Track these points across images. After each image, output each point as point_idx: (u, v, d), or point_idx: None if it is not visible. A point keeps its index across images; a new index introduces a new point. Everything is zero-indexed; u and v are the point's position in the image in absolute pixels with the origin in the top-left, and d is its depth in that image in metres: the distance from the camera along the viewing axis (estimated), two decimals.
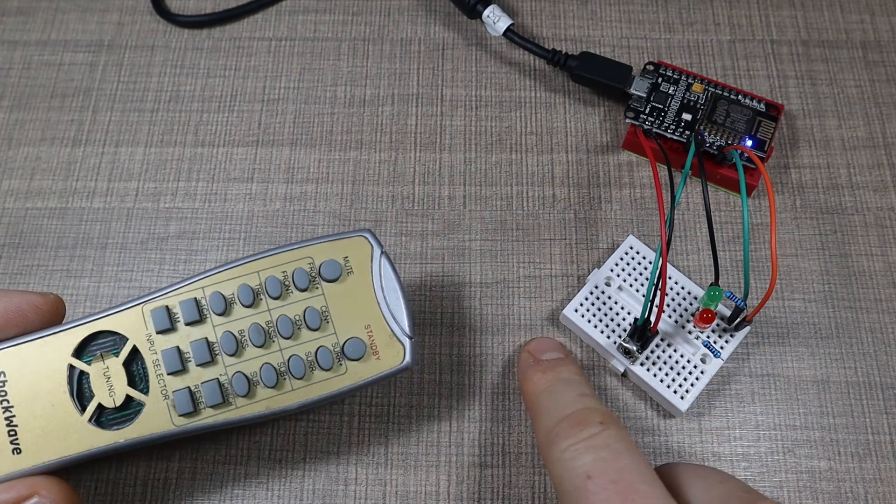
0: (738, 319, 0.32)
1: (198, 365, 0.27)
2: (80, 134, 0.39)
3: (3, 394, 0.25)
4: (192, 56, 0.41)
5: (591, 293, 0.34)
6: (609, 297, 0.34)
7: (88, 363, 0.26)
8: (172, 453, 0.32)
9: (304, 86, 0.40)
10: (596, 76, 0.38)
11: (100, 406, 0.26)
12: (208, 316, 0.27)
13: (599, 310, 0.34)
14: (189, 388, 0.26)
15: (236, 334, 0.27)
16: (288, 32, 0.41)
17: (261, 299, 0.27)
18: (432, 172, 0.38)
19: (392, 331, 0.28)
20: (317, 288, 0.28)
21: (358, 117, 0.39)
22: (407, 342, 0.28)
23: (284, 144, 0.38)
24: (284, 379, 0.27)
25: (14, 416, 0.25)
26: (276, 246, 0.28)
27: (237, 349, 0.27)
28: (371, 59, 0.40)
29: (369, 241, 0.28)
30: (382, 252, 0.28)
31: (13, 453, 0.25)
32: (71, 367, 0.26)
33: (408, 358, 0.28)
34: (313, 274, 0.28)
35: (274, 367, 0.27)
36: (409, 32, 0.41)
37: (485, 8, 0.39)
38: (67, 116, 0.39)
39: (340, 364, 0.27)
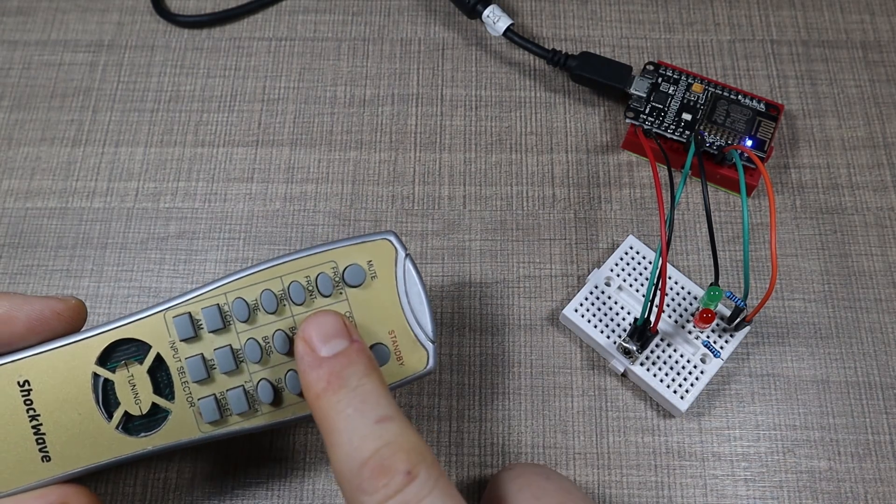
0: (738, 319, 0.32)
1: (223, 373, 0.26)
2: (80, 134, 0.39)
3: (28, 402, 0.25)
4: (192, 56, 0.41)
5: (591, 293, 0.34)
6: (609, 297, 0.34)
7: (112, 371, 0.26)
8: (172, 453, 0.32)
9: (304, 86, 0.40)
10: (596, 76, 0.38)
11: (126, 414, 0.26)
12: (232, 323, 0.27)
13: (599, 310, 0.34)
14: (215, 395, 0.26)
15: (260, 341, 0.27)
16: (288, 32, 0.41)
17: (284, 305, 0.27)
18: (432, 172, 0.38)
19: (416, 336, 0.27)
20: (341, 293, 0.27)
21: (358, 117, 0.39)
22: (430, 347, 0.27)
23: (284, 144, 0.38)
24: None
25: (41, 424, 0.25)
26: (296, 249, 0.28)
27: (262, 356, 0.26)
28: (371, 59, 0.40)
29: (393, 245, 0.27)
30: (407, 255, 0.27)
31: (42, 461, 0.25)
32: (95, 375, 0.26)
33: (431, 363, 0.27)
34: (337, 279, 0.27)
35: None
36: (409, 32, 0.41)
37: (485, 8, 0.39)
38: (67, 116, 0.39)
39: None
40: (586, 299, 0.34)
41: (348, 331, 0.25)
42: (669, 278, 0.34)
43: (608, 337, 0.33)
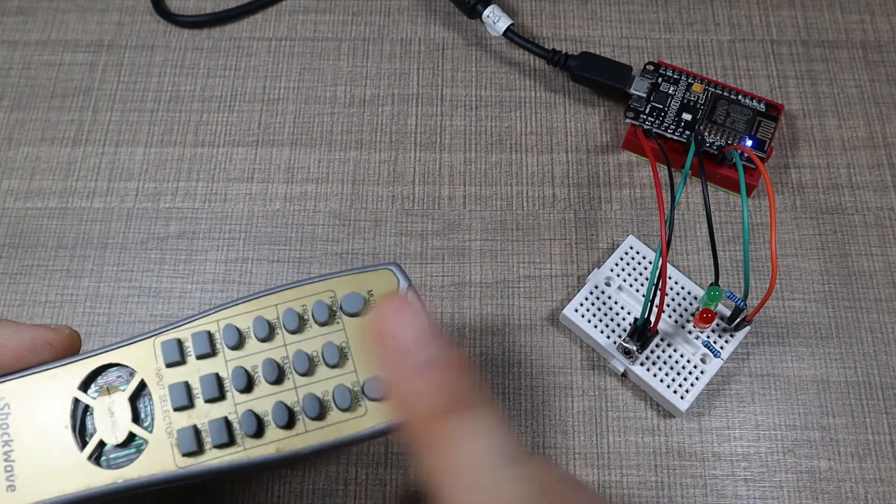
0: (738, 319, 0.32)
1: (206, 401, 0.25)
2: (80, 134, 0.39)
3: (4, 426, 0.24)
4: (192, 56, 0.41)
5: (591, 293, 0.34)
6: (609, 297, 0.34)
7: (94, 397, 0.25)
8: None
9: (304, 86, 0.40)
10: (596, 76, 0.38)
11: (101, 443, 0.24)
12: (220, 349, 0.25)
13: (599, 310, 0.34)
14: (195, 425, 0.25)
15: (248, 369, 0.25)
16: (288, 32, 0.41)
17: (277, 333, 0.26)
18: (432, 172, 0.38)
19: None
20: (337, 322, 0.26)
21: (358, 117, 0.39)
22: None
23: (284, 144, 0.38)
24: (298, 419, 0.25)
25: (13, 450, 0.24)
26: (295, 280, 0.27)
27: (248, 385, 0.25)
28: (371, 59, 0.40)
29: (395, 275, 0.26)
30: (409, 286, 0.26)
31: (7, 490, 0.24)
32: (76, 401, 0.25)
33: None
34: (334, 307, 0.26)
35: (287, 406, 0.25)
36: (409, 32, 0.41)
37: (485, 8, 0.39)
38: (67, 116, 0.39)
39: (359, 404, 0.25)
40: (586, 299, 0.34)
41: (433, 324, 0.20)
42: (669, 278, 0.34)
43: (608, 337, 0.33)
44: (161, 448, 0.24)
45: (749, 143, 0.36)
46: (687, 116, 0.36)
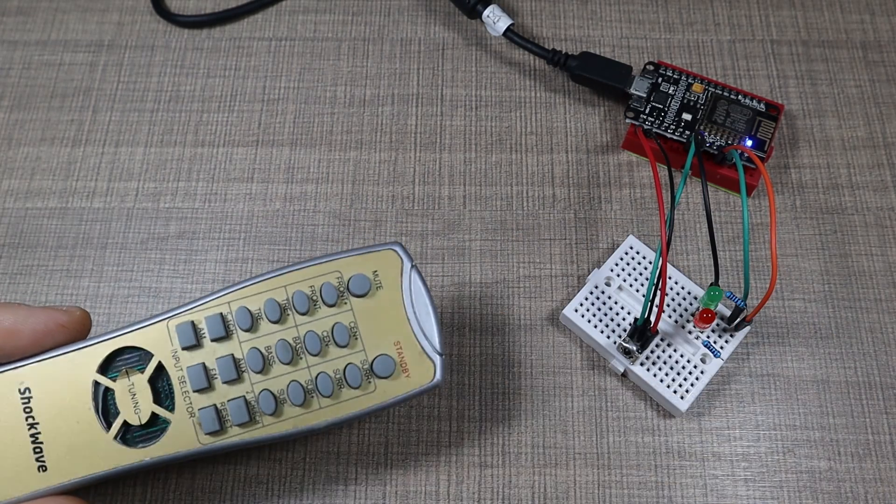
0: (738, 319, 0.32)
1: (224, 382, 0.26)
2: (80, 134, 0.39)
3: (28, 410, 0.25)
4: (192, 56, 0.41)
5: (591, 293, 0.34)
6: (609, 297, 0.34)
7: (113, 379, 0.26)
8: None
9: (304, 86, 0.40)
10: (596, 76, 0.38)
11: (125, 423, 0.25)
12: (234, 332, 0.26)
13: (599, 310, 0.34)
14: (215, 405, 0.26)
15: (263, 351, 0.26)
16: (288, 32, 0.41)
17: (288, 315, 0.27)
18: (432, 172, 0.38)
19: (422, 347, 0.27)
20: (345, 303, 0.27)
21: (358, 117, 0.39)
22: (437, 359, 0.27)
23: (284, 144, 0.38)
24: (312, 397, 0.26)
25: (39, 432, 0.25)
26: (301, 259, 0.27)
27: (264, 366, 0.26)
28: (371, 59, 0.40)
29: (399, 255, 0.27)
30: (413, 266, 0.27)
31: (39, 471, 0.25)
32: (96, 384, 0.26)
33: (438, 376, 0.27)
34: (341, 289, 0.27)
35: (301, 385, 0.26)
36: (409, 32, 0.41)
37: (485, 8, 0.39)
38: (67, 116, 0.39)
39: (369, 382, 0.27)
40: (586, 299, 0.34)
41: None
42: (669, 278, 0.34)
43: (608, 337, 0.33)
44: (184, 427, 0.26)
45: (749, 143, 0.36)
46: (687, 116, 0.36)
